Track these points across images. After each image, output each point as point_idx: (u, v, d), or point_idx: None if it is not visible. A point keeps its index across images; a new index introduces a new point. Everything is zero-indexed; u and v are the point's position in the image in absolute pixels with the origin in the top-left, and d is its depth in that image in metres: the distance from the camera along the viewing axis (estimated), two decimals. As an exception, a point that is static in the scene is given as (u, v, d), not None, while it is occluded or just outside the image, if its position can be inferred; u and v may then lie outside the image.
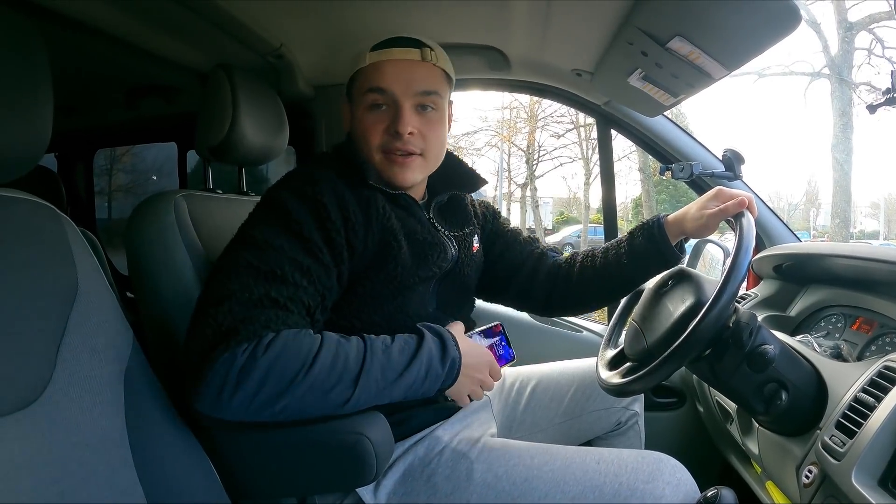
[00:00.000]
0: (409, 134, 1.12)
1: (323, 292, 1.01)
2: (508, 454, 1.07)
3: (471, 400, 1.11)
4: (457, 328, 1.12)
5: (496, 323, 1.24)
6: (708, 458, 1.81)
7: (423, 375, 0.99)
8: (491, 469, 1.04)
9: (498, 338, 1.22)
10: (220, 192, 1.51)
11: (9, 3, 0.74)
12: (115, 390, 0.83)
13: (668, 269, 1.27)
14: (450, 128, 1.27)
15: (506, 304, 1.52)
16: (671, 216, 1.27)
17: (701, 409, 1.78)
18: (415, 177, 1.17)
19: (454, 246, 1.25)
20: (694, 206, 1.23)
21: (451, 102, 1.27)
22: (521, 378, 1.48)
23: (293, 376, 0.87)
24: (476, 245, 1.34)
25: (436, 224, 1.24)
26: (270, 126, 1.50)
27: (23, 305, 0.75)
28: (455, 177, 1.32)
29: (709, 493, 0.99)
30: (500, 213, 1.52)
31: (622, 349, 1.30)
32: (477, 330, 1.22)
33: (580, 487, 0.99)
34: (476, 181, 1.35)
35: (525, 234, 1.50)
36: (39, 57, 0.79)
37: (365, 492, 1.05)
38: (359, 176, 1.13)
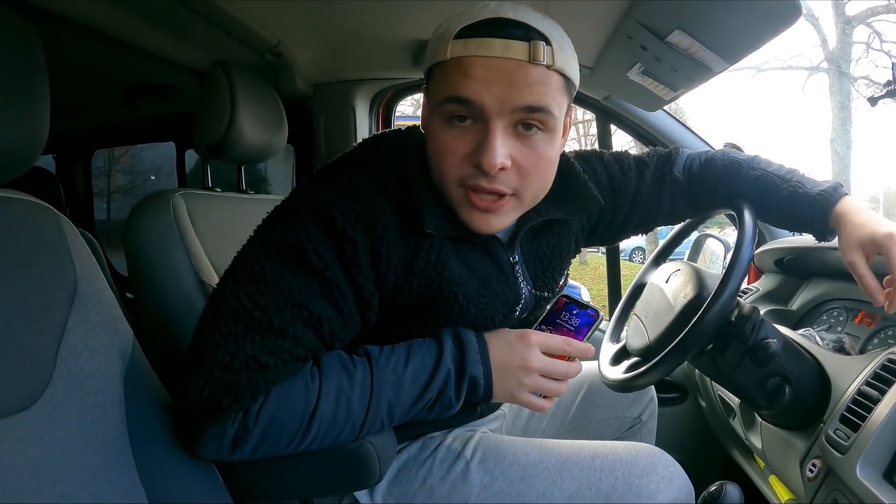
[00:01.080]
0: (501, 169, 0.80)
1: (334, 342, 0.85)
2: (504, 452, 1.03)
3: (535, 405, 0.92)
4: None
5: (557, 299, 0.98)
6: (711, 453, 1.82)
7: (435, 402, 0.88)
8: (487, 469, 1.00)
9: (564, 312, 0.95)
10: (218, 190, 1.50)
11: (6, 3, 0.73)
12: (116, 391, 0.83)
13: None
14: (566, 139, 0.93)
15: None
16: (842, 207, 1.03)
17: (703, 403, 1.78)
18: (502, 223, 0.88)
19: (532, 300, 1.04)
20: (854, 234, 0.99)
21: (570, 108, 0.91)
22: None
23: (291, 437, 0.82)
24: (562, 282, 1.11)
25: (517, 270, 1.00)
26: (269, 123, 1.50)
27: (22, 306, 0.74)
28: (562, 191, 1.00)
29: (713, 489, 0.98)
30: (628, 184, 1.19)
31: (625, 344, 1.29)
32: (536, 324, 0.96)
33: (577, 484, 0.97)
34: (589, 203, 1.04)
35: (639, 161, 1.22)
36: (37, 57, 0.78)
37: (360, 492, 1.02)
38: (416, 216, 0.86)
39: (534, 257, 1.04)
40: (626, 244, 13.53)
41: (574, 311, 0.94)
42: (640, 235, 1.31)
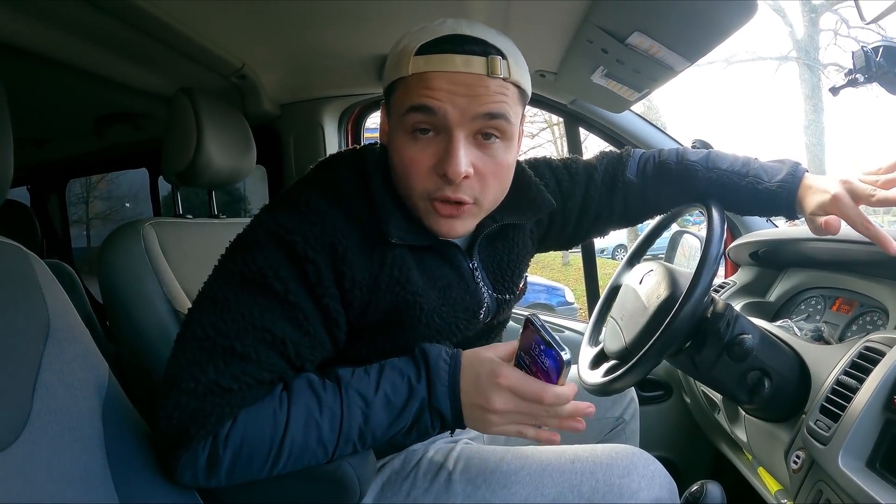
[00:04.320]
0: (465, 178, 0.84)
1: (303, 364, 0.86)
2: (485, 461, 1.03)
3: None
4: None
5: (524, 322, 0.84)
6: (699, 448, 1.82)
7: (411, 429, 0.87)
8: (470, 479, 1.01)
9: (534, 345, 0.82)
10: (189, 217, 1.49)
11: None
12: (95, 425, 0.83)
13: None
14: (519, 146, 0.95)
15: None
16: (807, 180, 1.05)
17: (688, 400, 1.79)
18: (466, 228, 0.91)
19: (493, 305, 1.05)
20: (829, 198, 0.98)
21: (523, 117, 0.95)
22: None
23: (262, 462, 0.81)
24: (521, 285, 1.14)
25: (477, 276, 1.02)
26: (237, 147, 1.49)
27: None
28: (515, 198, 1.01)
29: (694, 488, 0.98)
30: (576, 187, 1.21)
31: (603, 347, 1.29)
32: (517, 354, 0.87)
33: (558, 488, 0.97)
34: (542, 205, 1.06)
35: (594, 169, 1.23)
36: None
37: None
38: (380, 226, 0.89)
39: (492, 263, 1.06)
40: (607, 242, 13.56)
41: (542, 347, 0.81)
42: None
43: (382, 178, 0.92)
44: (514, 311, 1.19)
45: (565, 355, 0.78)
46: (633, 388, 1.39)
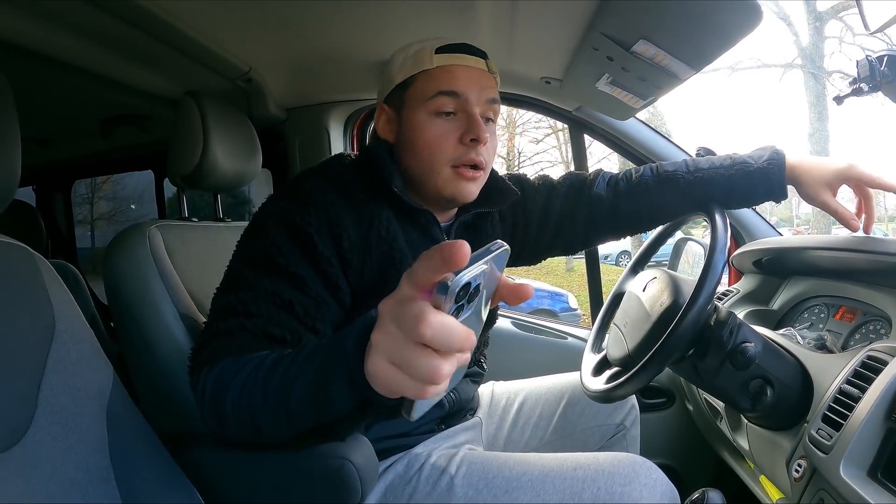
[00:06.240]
0: (483, 144, 1.04)
1: (315, 324, 0.92)
2: (487, 466, 1.06)
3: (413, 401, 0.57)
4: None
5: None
6: (701, 455, 1.82)
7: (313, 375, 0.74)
8: (472, 483, 1.03)
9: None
10: (195, 220, 1.50)
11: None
12: (98, 427, 0.83)
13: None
14: None
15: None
16: (790, 161, 1.20)
17: (690, 407, 1.79)
18: (477, 191, 1.10)
19: None
20: (817, 177, 1.18)
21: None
22: (508, 395, 1.46)
23: (233, 406, 0.80)
24: None
25: None
26: (243, 151, 1.50)
27: (1, 347, 0.74)
28: (486, 189, 1.16)
29: (695, 496, 0.98)
30: (537, 193, 1.34)
31: (606, 355, 1.29)
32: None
33: (560, 495, 0.99)
34: (508, 195, 1.21)
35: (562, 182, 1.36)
36: (4, 97, 0.79)
37: None
38: (371, 188, 1.04)
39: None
40: (611, 248, 13.54)
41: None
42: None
43: (388, 154, 1.09)
44: (514, 316, 1.20)
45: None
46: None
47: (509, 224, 1.31)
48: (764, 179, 1.20)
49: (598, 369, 1.28)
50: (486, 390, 1.48)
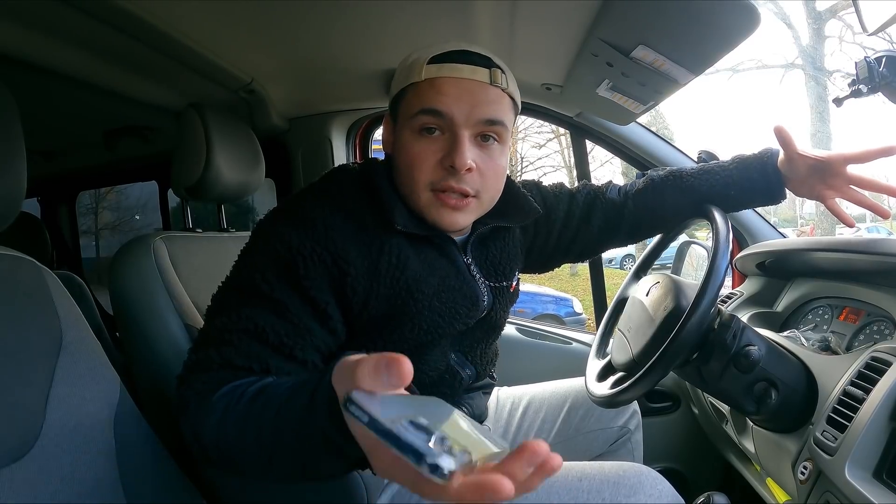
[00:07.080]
0: (467, 170, 0.93)
1: (292, 350, 0.87)
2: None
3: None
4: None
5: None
6: (707, 459, 1.82)
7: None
8: None
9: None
10: (199, 231, 1.51)
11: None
12: (106, 437, 0.84)
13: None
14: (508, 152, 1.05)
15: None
16: (781, 158, 1.20)
17: (696, 410, 1.78)
18: (466, 221, 1.00)
19: (490, 295, 1.11)
20: (811, 170, 1.16)
21: (514, 127, 1.07)
22: (513, 399, 1.47)
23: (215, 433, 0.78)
24: (514, 284, 1.20)
25: (472, 269, 1.09)
26: (246, 162, 1.51)
27: (9, 360, 0.75)
28: (504, 204, 1.08)
29: (700, 500, 0.98)
30: (559, 202, 1.31)
31: (610, 360, 1.30)
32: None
33: None
34: (529, 212, 1.13)
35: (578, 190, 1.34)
36: (9, 111, 0.79)
37: None
38: (377, 213, 0.96)
39: (485, 260, 1.13)
40: (615, 253, 13.49)
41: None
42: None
43: (387, 178, 1.01)
44: (519, 322, 1.20)
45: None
46: None
47: (530, 235, 1.27)
48: (760, 169, 1.22)
49: (603, 374, 1.28)
50: (491, 395, 1.47)
